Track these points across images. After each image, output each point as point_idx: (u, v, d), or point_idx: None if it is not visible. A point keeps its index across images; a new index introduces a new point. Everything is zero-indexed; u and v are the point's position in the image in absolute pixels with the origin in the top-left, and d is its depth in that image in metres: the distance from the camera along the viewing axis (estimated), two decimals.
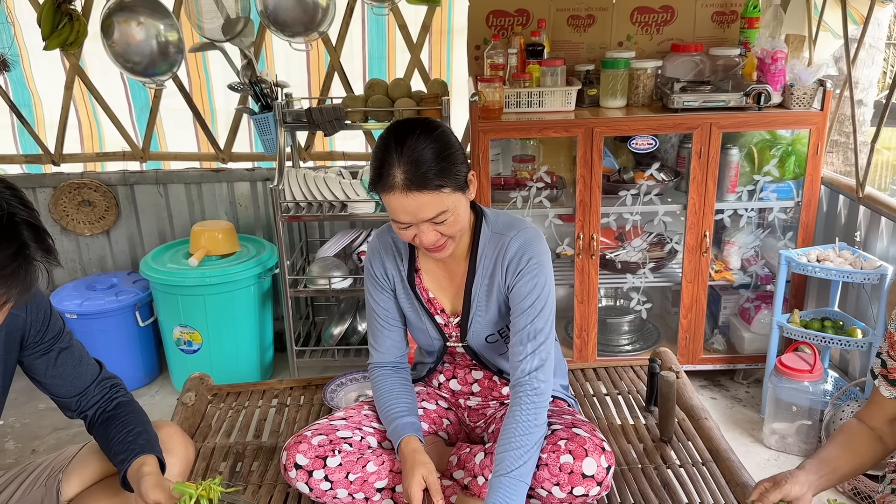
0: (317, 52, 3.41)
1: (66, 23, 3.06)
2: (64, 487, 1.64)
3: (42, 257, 1.27)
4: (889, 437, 1.58)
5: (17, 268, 1.23)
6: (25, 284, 1.26)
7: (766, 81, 2.89)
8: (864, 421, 1.60)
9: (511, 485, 1.53)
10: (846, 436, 1.57)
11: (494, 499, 1.52)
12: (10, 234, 1.23)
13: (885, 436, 1.57)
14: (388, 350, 1.87)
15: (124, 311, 3.25)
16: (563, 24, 3.18)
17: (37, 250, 1.26)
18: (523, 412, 1.60)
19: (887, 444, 1.58)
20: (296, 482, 1.71)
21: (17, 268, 1.23)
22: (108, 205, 3.52)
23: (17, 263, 1.23)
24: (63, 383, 1.61)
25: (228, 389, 2.29)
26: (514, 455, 1.55)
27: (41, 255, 1.27)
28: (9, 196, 1.25)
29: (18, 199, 1.27)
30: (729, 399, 3.18)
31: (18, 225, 1.25)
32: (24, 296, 1.28)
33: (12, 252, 1.22)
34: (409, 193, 1.52)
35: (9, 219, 1.23)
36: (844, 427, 1.61)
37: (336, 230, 3.49)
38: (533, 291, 1.67)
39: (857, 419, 1.61)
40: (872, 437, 1.57)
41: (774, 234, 3.13)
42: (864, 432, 1.57)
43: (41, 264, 1.28)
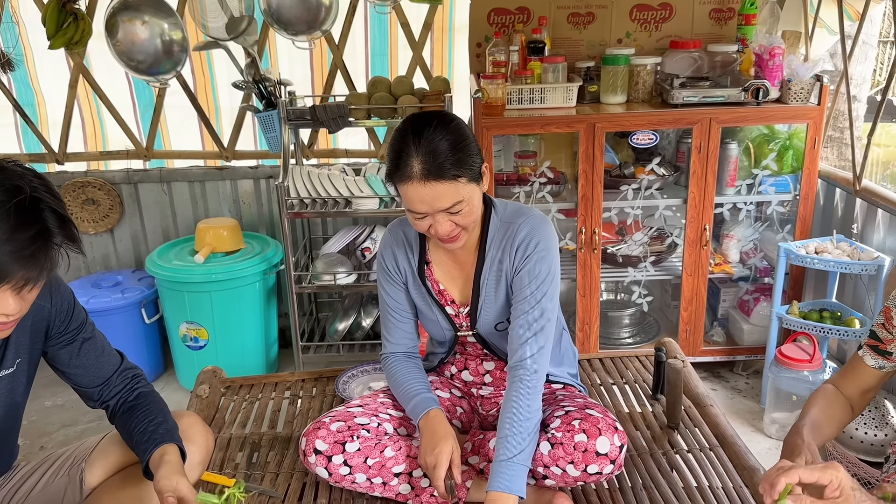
0: (320, 50, 3.44)
1: (71, 22, 3.07)
2: (87, 476, 1.67)
3: (64, 243, 1.30)
4: (857, 404, 1.65)
5: (36, 250, 1.26)
6: (45, 267, 1.29)
7: (764, 77, 2.94)
8: (838, 387, 1.65)
9: (513, 469, 1.57)
10: (825, 401, 1.62)
11: (499, 484, 1.56)
12: (32, 216, 1.26)
13: (854, 403, 1.64)
14: (400, 341, 1.91)
15: (130, 308, 3.28)
16: (563, 22, 3.22)
17: (59, 236, 1.29)
18: (521, 397, 1.64)
19: (854, 412, 1.65)
20: (315, 467, 1.74)
21: (36, 250, 1.26)
22: (112, 203, 3.54)
23: (36, 246, 1.26)
24: (86, 373, 1.64)
25: (241, 382, 2.32)
26: (514, 441, 1.59)
27: (64, 241, 1.30)
28: (36, 183, 1.29)
29: (45, 188, 1.30)
30: (729, 390, 3.23)
31: (42, 210, 1.27)
32: (42, 278, 1.30)
33: (33, 234, 1.25)
34: (426, 183, 1.56)
35: (31, 202, 1.26)
36: (823, 392, 1.65)
37: (339, 227, 3.53)
38: (538, 276, 1.70)
39: (832, 385, 1.67)
40: (845, 403, 1.64)
41: (773, 228, 3.18)
42: (839, 399, 1.64)
43: (62, 249, 1.31)
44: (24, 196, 1.25)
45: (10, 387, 1.53)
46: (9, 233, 1.23)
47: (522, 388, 1.66)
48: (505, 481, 1.57)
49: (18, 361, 1.54)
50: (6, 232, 1.23)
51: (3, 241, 1.22)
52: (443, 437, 1.67)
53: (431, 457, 1.65)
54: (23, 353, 1.54)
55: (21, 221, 1.25)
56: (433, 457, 1.64)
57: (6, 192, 1.25)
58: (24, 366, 1.56)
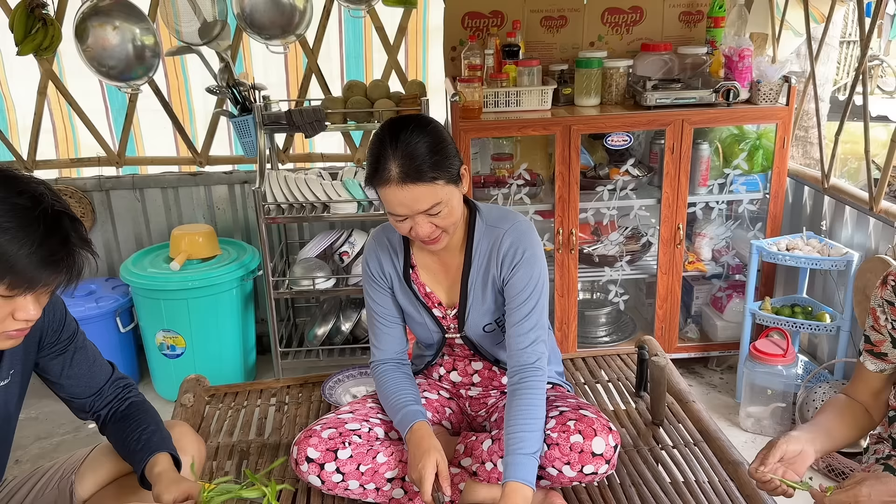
0: (295, 53, 3.43)
1: (40, 28, 3.04)
2: (77, 489, 1.64)
3: (83, 246, 1.31)
4: (875, 410, 1.68)
5: (65, 254, 1.27)
6: (74, 272, 1.30)
7: (734, 78, 3.00)
8: (851, 395, 1.69)
9: (532, 463, 1.59)
10: (836, 406, 1.67)
11: (518, 474, 1.57)
12: (56, 223, 1.27)
13: (872, 409, 1.67)
14: (388, 347, 1.91)
15: (104, 317, 3.23)
16: (536, 25, 3.26)
17: (77, 239, 1.30)
18: (531, 397, 1.66)
19: (874, 417, 1.68)
20: (307, 476, 1.74)
21: (65, 254, 1.27)
22: (83, 211, 3.48)
23: (65, 251, 1.27)
24: (78, 383, 1.62)
25: (226, 390, 2.31)
26: (532, 437, 1.61)
27: (81, 243, 1.31)
28: (44, 189, 1.28)
29: (52, 192, 1.30)
30: (704, 385, 3.30)
31: (61, 216, 1.28)
32: (72, 283, 1.32)
33: (60, 240, 1.26)
34: (404, 186, 1.58)
35: (53, 210, 1.27)
36: (833, 400, 1.70)
37: (316, 231, 3.52)
38: (529, 284, 1.73)
39: (844, 394, 1.71)
40: (861, 409, 1.67)
41: (744, 226, 3.25)
42: (854, 405, 1.67)
43: (85, 252, 1.32)
44: (47, 203, 1.27)
45: (4, 398, 1.51)
46: (40, 239, 1.24)
47: (532, 388, 1.68)
48: (523, 472, 1.58)
49: (12, 373, 1.52)
50: (38, 239, 1.23)
51: (34, 249, 1.23)
52: (426, 451, 1.67)
53: (416, 472, 1.66)
54: (17, 364, 1.52)
55: (49, 228, 1.25)
56: (417, 472, 1.66)
57: (31, 199, 1.25)
58: (18, 377, 1.54)
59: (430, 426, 1.77)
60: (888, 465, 1.64)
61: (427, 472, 1.64)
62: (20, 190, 1.26)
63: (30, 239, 1.23)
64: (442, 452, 1.69)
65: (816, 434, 1.58)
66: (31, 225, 1.23)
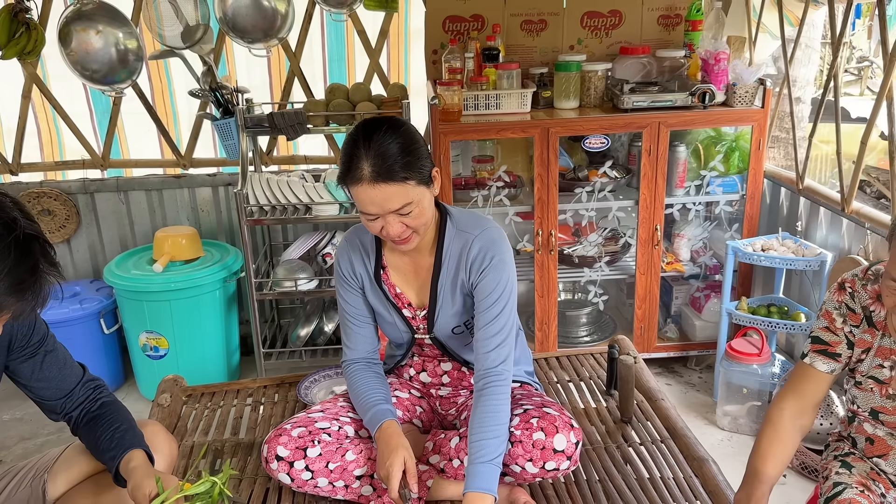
0: (278, 56, 3.46)
1: (23, 32, 3.05)
2: (49, 487, 1.67)
3: (50, 270, 1.33)
4: (808, 421, 1.68)
5: (34, 282, 1.29)
6: (41, 298, 1.33)
7: (710, 81, 3.04)
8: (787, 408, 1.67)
9: (491, 471, 1.62)
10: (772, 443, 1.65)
11: (479, 483, 1.60)
12: (26, 249, 1.28)
13: (805, 421, 1.67)
14: (359, 346, 1.94)
15: (89, 318, 3.26)
16: (516, 29, 3.29)
17: (46, 264, 1.32)
18: (494, 402, 1.69)
19: (804, 430, 1.69)
20: (277, 473, 1.77)
21: (34, 282, 1.29)
22: (68, 213, 3.51)
23: (34, 278, 1.29)
24: (49, 386, 1.64)
25: (203, 390, 2.33)
26: (493, 444, 1.64)
27: (49, 268, 1.33)
28: (17, 214, 1.30)
29: (24, 214, 1.32)
30: (683, 384, 3.33)
31: (32, 241, 1.30)
32: (39, 308, 1.35)
33: (29, 268, 1.28)
34: (375, 185, 1.61)
35: (24, 236, 1.28)
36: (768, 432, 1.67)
37: (299, 233, 3.54)
38: (496, 289, 1.76)
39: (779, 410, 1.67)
40: (794, 431, 1.66)
41: (721, 227, 3.29)
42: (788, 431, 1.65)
43: (52, 277, 1.34)
44: (20, 230, 1.28)
45: None
46: (10, 268, 1.26)
47: (495, 394, 1.71)
48: (484, 481, 1.61)
49: None
50: (7, 267, 1.25)
51: (3, 277, 1.25)
52: (394, 449, 1.70)
53: (384, 469, 1.69)
54: None
55: (20, 256, 1.27)
56: (385, 469, 1.68)
57: (4, 226, 1.27)
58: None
59: (399, 425, 1.80)
60: (845, 461, 1.68)
61: (394, 470, 1.66)
62: None
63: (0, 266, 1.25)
64: (410, 450, 1.72)
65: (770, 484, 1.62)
66: (2, 252, 1.25)
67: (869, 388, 1.60)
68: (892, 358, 1.56)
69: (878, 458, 1.63)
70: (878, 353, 1.58)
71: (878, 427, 1.61)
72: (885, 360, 1.57)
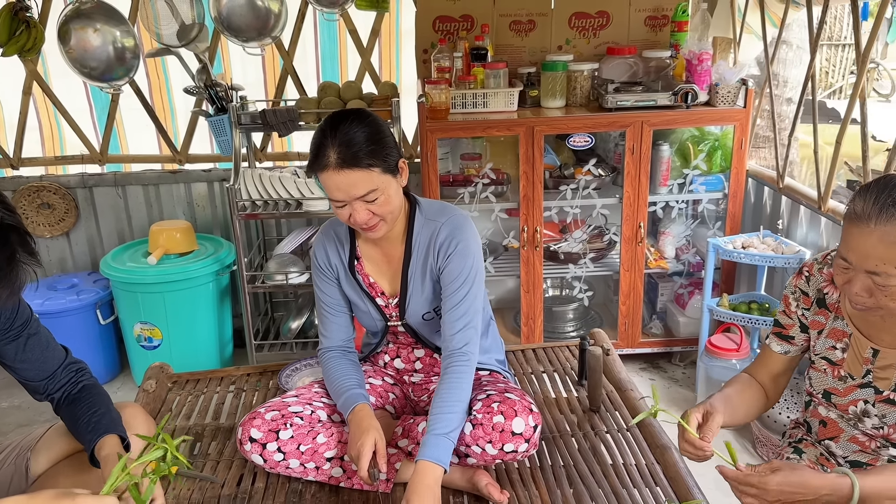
0: (272, 54, 3.53)
1: (24, 30, 3.14)
2: (32, 465, 1.75)
3: (28, 260, 1.37)
4: (771, 392, 1.78)
5: (9, 271, 1.33)
6: (16, 287, 1.36)
7: (694, 81, 3.09)
8: (753, 375, 1.79)
9: (444, 443, 1.69)
10: (741, 384, 1.76)
11: (432, 453, 1.67)
12: (3, 239, 1.32)
13: (769, 391, 1.78)
14: (335, 335, 2.01)
15: (85, 309, 3.34)
16: (505, 29, 3.35)
17: (23, 254, 1.36)
18: (456, 380, 1.76)
19: (769, 399, 1.78)
20: (251, 454, 1.84)
21: (9, 271, 1.33)
22: (67, 207, 3.60)
23: (10, 267, 1.33)
24: (32, 367, 1.71)
25: (188, 377, 2.41)
26: (448, 418, 1.71)
27: (25, 257, 1.37)
28: None
29: (4, 206, 1.36)
30: (667, 380, 3.38)
31: (9, 231, 1.34)
32: (14, 297, 1.38)
33: (6, 257, 1.32)
34: (340, 171, 1.68)
35: (3, 226, 1.32)
36: (739, 378, 1.79)
37: (293, 228, 3.62)
38: (461, 273, 1.83)
39: (747, 373, 1.80)
40: (760, 390, 1.77)
41: (705, 224, 3.34)
42: (754, 384, 1.77)
43: (28, 267, 1.38)
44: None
45: None
46: None
47: (457, 373, 1.78)
48: (435, 452, 1.68)
49: None
50: None
51: None
52: (366, 430, 1.76)
53: (355, 450, 1.75)
54: None
55: None
56: (356, 449, 1.75)
57: None
58: None
59: (372, 409, 1.87)
60: (798, 447, 1.74)
61: (365, 450, 1.73)
62: None
63: None
64: (381, 432, 1.79)
65: (726, 406, 1.67)
66: None
67: (822, 368, 1.65)
68: (845, 340, 1.61)
69: (830, 440, 1.68)
70: (831, 335, 1.64)
71: (831, 409, 1.66)
72: (837, 342, 1.63)
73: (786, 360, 1.75)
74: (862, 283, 1.42)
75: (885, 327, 1.55)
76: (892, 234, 1.35)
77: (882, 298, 1.42)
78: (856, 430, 1.63)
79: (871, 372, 1.57)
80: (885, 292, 1.40)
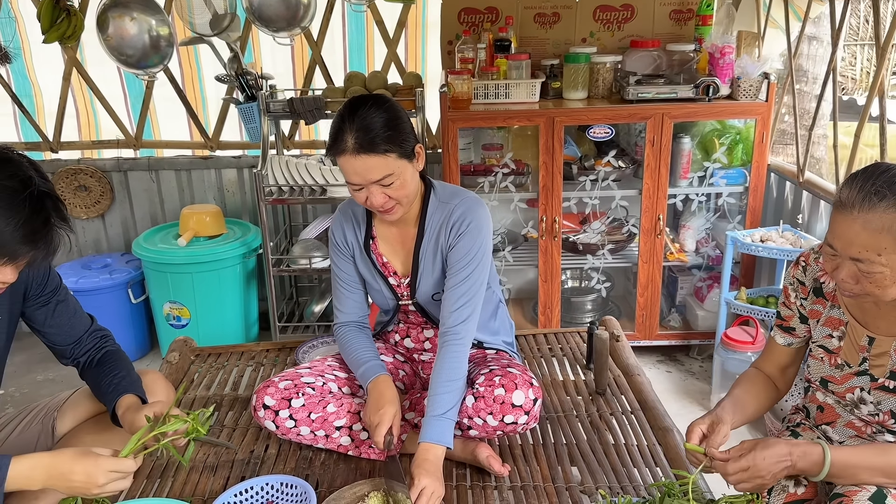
0: (301, 45, 3.62)
1: (64, 17, 3.27)
2: (58, 425, 1.85)
3: (61, 224, 1.49)
4: (781, 383, 1.80)
5: (45, 233, 1.45)
6: (51, 249, 1.48)
7: (716, 75, 3.10)
8: (761, 369, 1.81)
9: (443, 424, 1.75)
10: (749, 381, 1.79)
11: (430, 436, 1.73)
12: (40, 205, 1.44)
13: (778, 382, 1.80)
14: (350, 310, 2.08)
15: (117, 288, 3.47)
16: (529, 21, 3.39)
17: (57, 219, 1.48)
18: (450, 359, 1.82)
19: (780, 390, 1.80)
20: (264, 421, 1.93)
21: (45, 233, 1.45)
22: (102, 190, 3.73)
23: (46, 230, 1.45)
24: (59, 332, 1.82)
25: (210, 350, 2.51)
26: (444, 398, 1.77)
27: (59, 222, 1.48)
28: (32, 173, 1.46)
29: (39, 173, 1.48)
30: (683, 373, 3.40)
31: (45, 197, 1.46)
32: (48, 258, 1.51)
33: (42, 221, 1.44)
34: (357, 156, 1.74)
35: (38, 192, 1.44)
36: (746, 374, 1.82)
37: (318, 214, 3.71)
38: (468, 253, 1.87)
39: (755, 367, 1.83)
40: (769, 382, 1.79)
41: (725, 218, 3.34)
42: (762, 378, 1.79)
43: (62, 231, 1.49)
44: (35, 187, 1.44)
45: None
46: (24, 219, 1.41)
47: (452, 352, 1.83)
48: (436, 434, 1.74)
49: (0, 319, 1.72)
50: (22, 219, 1.41)
51: (18, 227, 1.41)
52: (389, 400, 1.84)
53: (376, 416, 1.82)
54: (2, 311, 1.72)
55: (33, 209, 1.43)
56: (377, 416, 1.81)
57: (21, 182, 1.43)
58: (4, 323, 1.74)
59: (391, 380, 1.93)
60: (796, 431, 1.76)
61: (385, 419, 1.80)
62: (11, 173, 1.43)
63: (15, 218, 1.40)
64: (398, 404, 1.86)
65: (735, 411, 1.70)
66: (18, 206, 1.41)
67: (819, 356, 1.68)
68: (841, 328, 1.63)
69: (827, 425, 1.70)
70: (827, 323, 1.66)
71: (828, 395, 1.69)
72: (833, 330, 1.65)
73: (790, 352, 1.77)
74: (848, 270, 1.45)
75: (881, 314, 1.57)
76: (875, 222, 1.37)
77: (867, 285, 1.44)
78: (852, 415, 1.65)
79: (867, 360, 1.59)
80: (869, 279, 1.42)
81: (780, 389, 1.80)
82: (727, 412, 1.67)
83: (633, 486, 1.79)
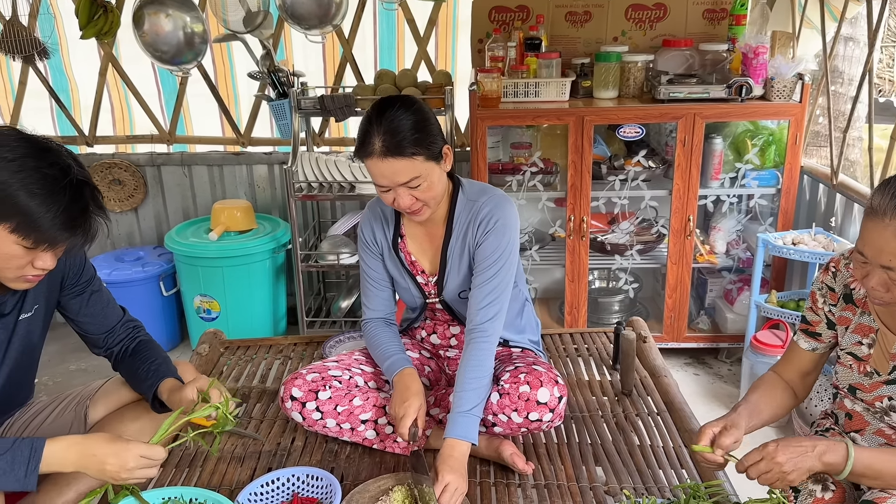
0: (332, 43, 3.65)
1: (101, 14, 3.33)
2: (90, 412, 1.89)
3: (98, 212, 1.53)
4: (799, 389, 1.77)
5: (83, 220, 1.50)
6: (89, 235, 1.53)
7: (749, 75, 3.07)
8: (780, 374, 1.78)
9: (469, 420, 1.76)
10: (766, 386, 1.76)
11: (455, 432, 1.75)
12: (79, 193, 1.49)
13: (797, 388, 1.77)
14: (378, 307, 2.10)
15: (149, 280, 3.53)
16: (561, 20, 3.38)
17: (94, 206, 1.52)
18: (476, 356, 1.83)
19: (798, 396, 1.77)
20: (290, 412, 1.95)
21: (83, 220, 1.50)
22: (136, 184, 3.80)
23: (84, 217, 1.50)
24: (93, 321, 1.86)
25: (239, 343, 2.54)
26: (470, 395, 1.78)
27: (97, 210, 1.53)
28: (71, 161, 1.50)
29: (77, 163, 1.52)
30: (711, 376, 3.37)
31: (84, 186, 1.50)
32: (86, 245, 1.55)
33: (81, 208, 1.49)
34: (385, 159, 1.74)
35: (77, 181, 1.48)
36: (764, 379, 1.79)
37: (346, 211, 3.74)
38: (496, 250, 1.88)
39: (774, 372, 1.80)
40: (787, 388, 1.76)
41: (757, 220, 3.30)
42: (780, 384, 1.77)
43: (100, 218, 1.54)
44: (74, 175, 1.48)
45: (28, 328, 1.75)
46: (64, 206, 1.45)
47: (478, 349, 1.84)
48: (461, 430, 1.76)
49: (36, 308, 1.76)
50: (62, 206, 1.45)
51: (58, 214, 1.45)
52: (415, 393, 1.86)
53: (402, 408, 1.84)
54: (40, 300, 1.76)
55: (73, 197, 1.47)
56: (403, 408, 1.83)
57: (61, 170, 1.47)
58: (41, 312, 1.79)
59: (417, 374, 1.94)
60: (824, 436, 1.74)
61: (410, 411, 1.82)
62: (51, 161, 1.47)
63: (56, 205, 1.44)
64: (424, 397, 1.87)
65: (751, 416, 1.68)
66: (58, 193, 1.45)
67: (848, 364, 1.65)
68: (871, 336, 1.61)
69: (856, 432, 1.68)
70: (857, 330, 1.63)
71: (857, 403, 1.66)
72: (863, 338, 1.62)
73: (814, 357, 1.75)
74: (878, 278, 1.43)
75: None
76: None
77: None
78: (882, 423, 1.62)
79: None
80: None
81: (799, 396, 1.77)
82: (742, 417, 1.65)
83: (658, 487, 1.78)
